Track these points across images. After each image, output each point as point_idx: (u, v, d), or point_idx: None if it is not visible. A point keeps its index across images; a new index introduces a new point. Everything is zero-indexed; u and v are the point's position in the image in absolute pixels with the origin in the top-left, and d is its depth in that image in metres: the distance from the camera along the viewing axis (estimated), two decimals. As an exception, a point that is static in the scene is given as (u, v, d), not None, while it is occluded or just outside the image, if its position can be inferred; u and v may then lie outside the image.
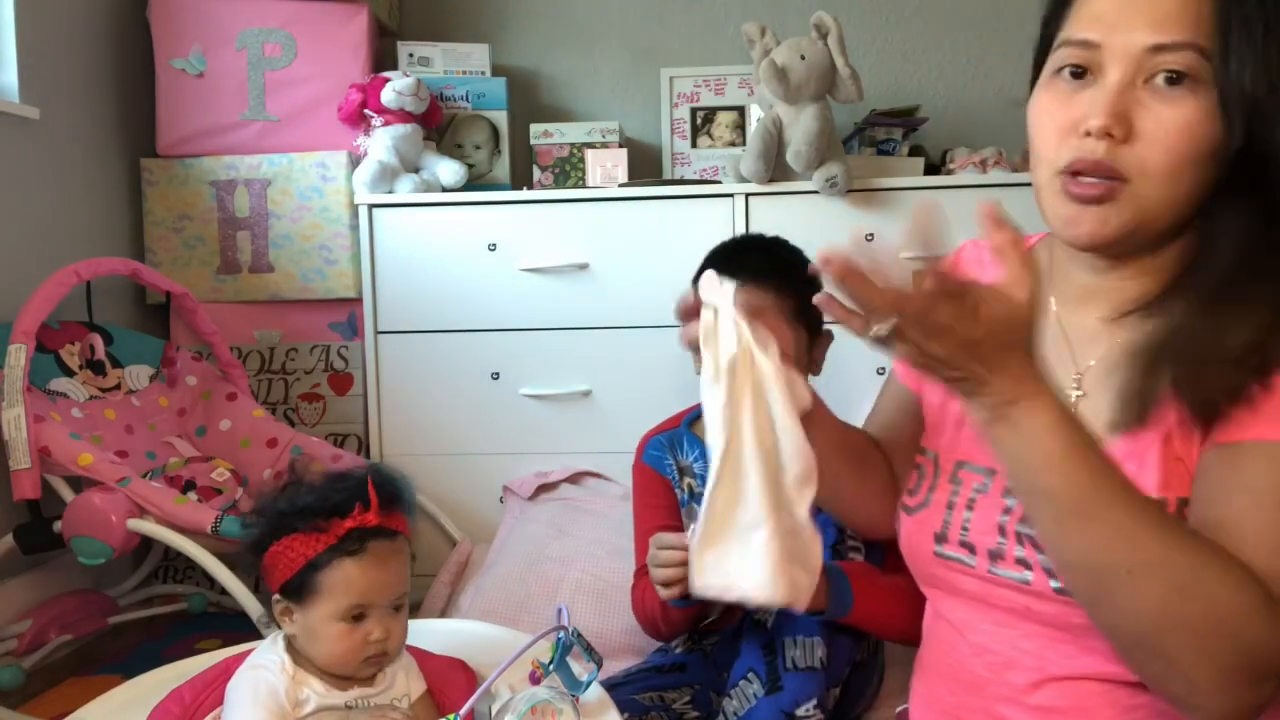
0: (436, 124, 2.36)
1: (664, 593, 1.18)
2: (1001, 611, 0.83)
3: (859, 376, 1.75)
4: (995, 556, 0.83)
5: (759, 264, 1.33)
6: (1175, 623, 0.64)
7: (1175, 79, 0.73)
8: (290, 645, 0.95)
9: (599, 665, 0.98)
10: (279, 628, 0.96)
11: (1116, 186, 0.75)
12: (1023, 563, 0.81)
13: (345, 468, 1.00)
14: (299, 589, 0.92)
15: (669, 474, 1.43)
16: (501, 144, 2.41)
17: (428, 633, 1.11)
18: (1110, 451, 0.70)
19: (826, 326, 1.38)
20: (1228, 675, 0.62)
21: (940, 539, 0.88)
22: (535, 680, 0.93)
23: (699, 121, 2.51)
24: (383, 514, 0.94)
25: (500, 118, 2.40)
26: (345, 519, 0.92)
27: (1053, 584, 0.78)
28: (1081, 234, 0.77)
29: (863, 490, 0.97)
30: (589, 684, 0.96)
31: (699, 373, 0.83)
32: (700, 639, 1.33)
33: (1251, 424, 0.69)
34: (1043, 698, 0.81)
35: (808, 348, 1.33)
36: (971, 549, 0.85)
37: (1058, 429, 0.67)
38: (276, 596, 0.94)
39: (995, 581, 0.83)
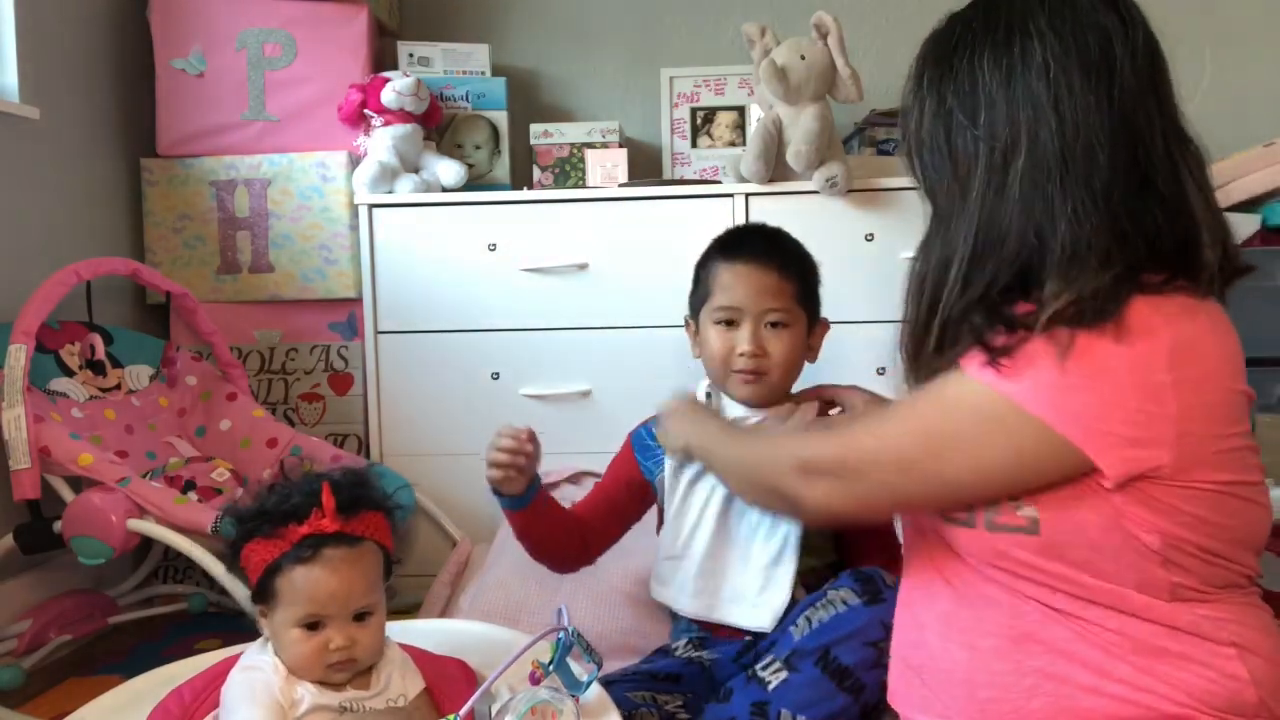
0: (436, 124, 2.36)
1: (490, 473, 1.29)
2: (926, 532, 0.98)
3: (859, 372, 1.75)
4: None
5: (764, 247, 1.36)
6: (756, 484, 1.07)
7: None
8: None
9: (599, 665, 0.98)
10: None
11: None
12: None
13: (326, 468, 0.99)
14: (263, 592, 0.93)
15: (647, 455, 1.42)
16: (501, 144, 2.41)
17: (428, 633, 1.11)
18: None
19: (823, 315, 1.40)
20: (798, 487, 0.97)
21: None
22: (535, 680, 0.93)
23: (699, 121, 2.51)
24: (343, 519, 0.93)
25: (500, 118, 2.40)
26: (301, 524, 0.91)
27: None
28: None
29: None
30: (589, 684, 0.96)
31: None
32: (701, 646, 1.32)
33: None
34: (945, 604, 0.94)
35: (807, 333, 1.36)
36: None
37: (695, 439, 1.19)
38: (255, 599, 0.95)
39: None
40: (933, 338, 0.91)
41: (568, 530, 1.39)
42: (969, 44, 0.91)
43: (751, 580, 1.28)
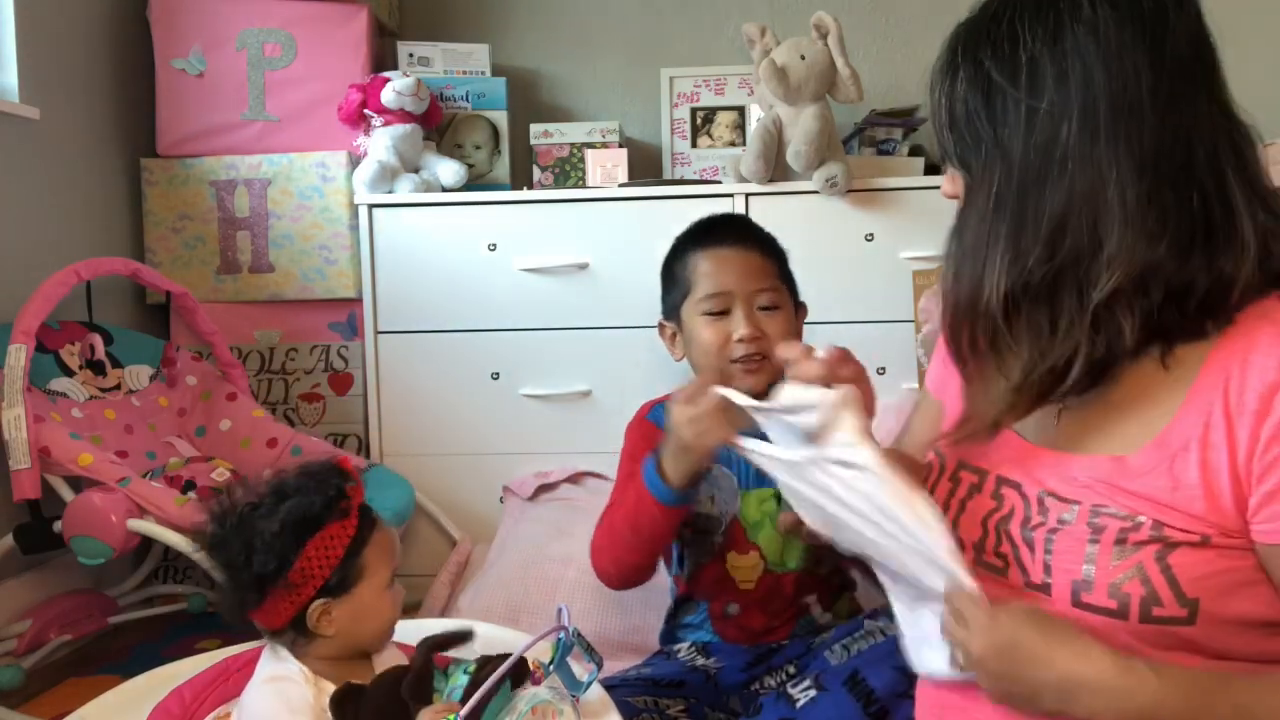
0: (436, 124, 2.36)
1: (709, 436, 1.03)
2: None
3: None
4: (979, 549, 0.87)
5: (741, 232, 1.36)
6: None
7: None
8: (296, 654, 0.95)
9: (599, 665, 0.98)
10: (308, 636, 0.95)
11: None
12: (1000, 556, 0.85)
13: (279, 471, 1.00)
14: (343, 579, 0.93)
15: None
16: (501, 144, 2.40)
17: (428, 633, 1.11)
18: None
19: (801, 300, 1.38)
20: None
21: None
22: (535, 680, 0.93)
23: (699, 121, 2.51)
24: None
25: (500, 118, 2.40)
26: (344, 499, 0.95)
27: (1023, 578, 0.82)
28: None
29: None
30: (589, 684, 0.96)
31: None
32: (706, 653, 1.32)
33: None
34: None
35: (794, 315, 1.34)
36: (961, 544, 0.88)
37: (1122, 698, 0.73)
38: (320, 601, 0.93)
39: (979, 575, 0.85)
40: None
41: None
42: (1008, 7, 0.82)
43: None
